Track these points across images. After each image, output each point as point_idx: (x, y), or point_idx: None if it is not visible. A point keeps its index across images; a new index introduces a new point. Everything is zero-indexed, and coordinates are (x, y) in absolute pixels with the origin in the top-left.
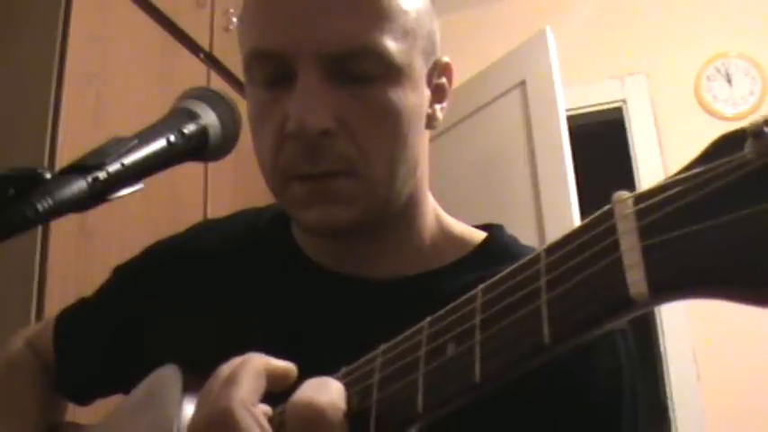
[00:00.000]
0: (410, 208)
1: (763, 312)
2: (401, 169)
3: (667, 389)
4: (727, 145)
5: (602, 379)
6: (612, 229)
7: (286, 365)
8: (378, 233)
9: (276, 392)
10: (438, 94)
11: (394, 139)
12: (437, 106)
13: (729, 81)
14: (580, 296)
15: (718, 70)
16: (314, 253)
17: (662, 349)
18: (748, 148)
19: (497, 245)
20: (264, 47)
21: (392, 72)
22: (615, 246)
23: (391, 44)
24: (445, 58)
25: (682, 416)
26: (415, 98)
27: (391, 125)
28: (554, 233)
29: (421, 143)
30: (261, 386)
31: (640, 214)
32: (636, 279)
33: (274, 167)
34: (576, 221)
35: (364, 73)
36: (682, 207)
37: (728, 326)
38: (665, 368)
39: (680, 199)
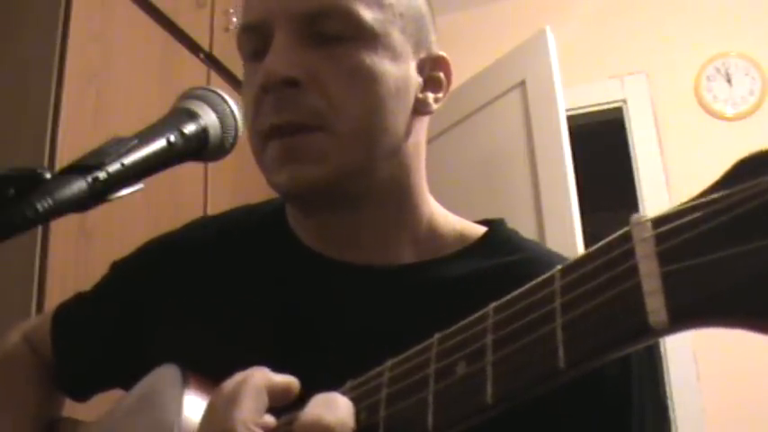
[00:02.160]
0: (401, 191)
1: None
2: (378, 136)
3: (667, 389)
4: (749, 168)
5: (610, 369)
6: (631, 253)
7: (288, 380)
8: (364, 212)
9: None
10: (433, 85)
11: (367, 99)
12: (430, 95)
13: (729, 81)
14: (597, 321)
15: (718, 70)
16: (309, 240)
17: (662, 349)
18: None
19: (498, 237)
20: (246, 21)
21: (364, 35)
22: (634, 270)
23: (362, 9)
24: (441, 52)
25: (682, 416)
26: (394, 70)
27: (364, 84)
28: (554, 233)
29: (407, 122)
30: (263, 403)
31: (660, 239)
32: (656, 307)
33: (253, 132)
34: (577, 221)
35: (335, 33)
36: (703, 233)
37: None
38: (665, 368)
39: (701, 224)
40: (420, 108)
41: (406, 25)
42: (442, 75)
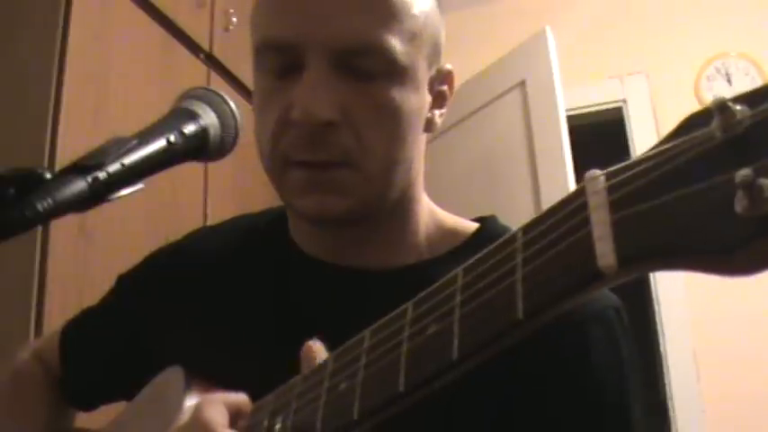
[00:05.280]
0: (404, 204)
1: (763, 313)
2: (398, 167)
3: (667, 389)
4: (694, 122)
5: (598, 359)
6: (584, 206)
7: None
8: (371, 226)
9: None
10: (438, 100)
11: (393, 137)
12: (436, 112)
13: (729, 81)
14: (552, 271)
15: (718, 70)
16: (312, 249)
17: (662, 350)
18: (714, 124)
19: (489, 234)
20: (276, 36)
21: (396, 72)
22: (586, 220)
23: (398, 45)
24: (448, 66)
25: (682, 416)
26: (416, 100)
27: (392, 122)
28: None
29: (418, 145)
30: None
31: (611, 189)
32: (604, 251)
33: (274, 153)
34: None
35: (369, 70)
36: (650, 181)
37: (728, 326)
38: (665, 369)
39: (649, 173)
40: (428, 127)
41: (429, 51)
42: (446, 88)
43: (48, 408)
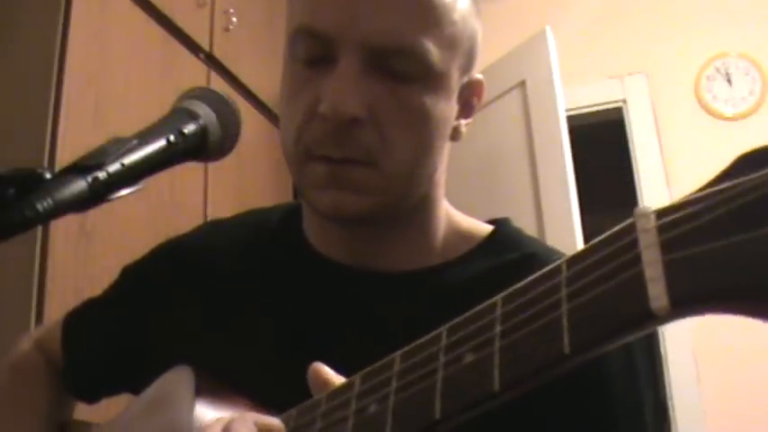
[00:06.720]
0: (424, 207)
1: None
2: (420, 172)
3: (667, 390)
4: (748, 163)
5: (612, 367)
6: (635, 243)
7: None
8: (390, 227)
9: None
10: (466, 109)
11: (418, 142)
12: (462, 121)
13: (729, 81)
14: (602, 308)
15: (718, 70)
16: (325, 248)
17: (662, 350)
18: None
19: (501, 237)
20: (314, 25)
21: (430, 77)
22: (637, 259)
23: (435, 50)
24: (478, 76)
25: (682, 417)
26: (446, 108)
27: (419, 128)
28: (554, 233)
29: (443, 152)
30: None
31: (662, 229)
32: (657, 293)
33: (297, 143)
34: (577, 221)
35: (404, 72)
36: (704, 223)
37: (728, 327)
38: (665, 369)
39: (702, 215)
40: (454, 136)
41: (463, 61)
42: (475, 99)
43: (48, 397)
